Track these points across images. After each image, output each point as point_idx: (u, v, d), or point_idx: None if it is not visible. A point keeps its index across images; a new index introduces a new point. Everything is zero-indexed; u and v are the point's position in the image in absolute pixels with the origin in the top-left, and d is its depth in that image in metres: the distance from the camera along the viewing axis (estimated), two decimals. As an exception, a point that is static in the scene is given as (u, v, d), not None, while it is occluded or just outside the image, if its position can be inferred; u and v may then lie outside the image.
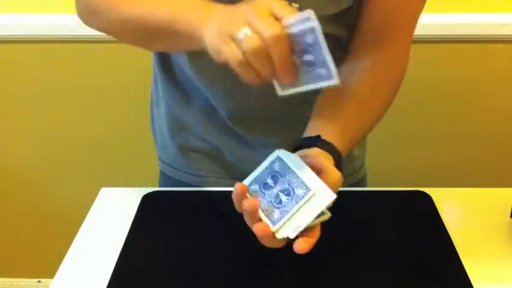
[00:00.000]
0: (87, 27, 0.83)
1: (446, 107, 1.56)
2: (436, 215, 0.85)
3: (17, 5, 1.47)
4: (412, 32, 0.84)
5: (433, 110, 1.55)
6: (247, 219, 0.64)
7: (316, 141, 0.71)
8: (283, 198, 0.63)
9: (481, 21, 1.42)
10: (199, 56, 0.81)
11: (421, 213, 0.87)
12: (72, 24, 1.42)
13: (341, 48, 0.87)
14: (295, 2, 0.77)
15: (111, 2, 0.77)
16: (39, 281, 1.89)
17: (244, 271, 0.76)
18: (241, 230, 0.82)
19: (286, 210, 0.62)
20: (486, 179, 1.61)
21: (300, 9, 0.77)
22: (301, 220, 0.61)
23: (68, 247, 0.82)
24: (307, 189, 0.62)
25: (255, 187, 0.66)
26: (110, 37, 0.83)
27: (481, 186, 0.93)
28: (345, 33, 0.85)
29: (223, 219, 0.87)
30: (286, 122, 0.91)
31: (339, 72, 0.83)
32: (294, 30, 0.56)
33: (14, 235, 1.83)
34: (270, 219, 0.62)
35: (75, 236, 0.85)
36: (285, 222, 0.61)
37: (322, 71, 0.57)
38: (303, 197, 0.61)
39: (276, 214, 0.62)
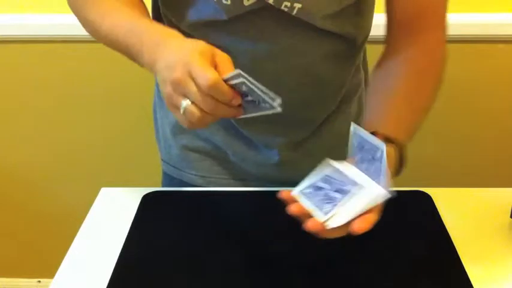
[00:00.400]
0: (87, 27, 0.84)
1: (446, 106, 1.56)
2: (436, 215, 0.85)
3: (17, 5, 1.47)
4: (444, 19, 0.86)
5: (433, 109, 1.55)
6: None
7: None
8: (334, 194, 0.66)
9: (481, 21, 1.42)
10: None
11: (421, 213, 0.87)
12: (72, 24, 1.42)
13: (349, 46, 0.88)
14: (298, 2, 0.77)
15: (84, 16, 0.82)
16: (39, 281, 1.89)
17: (245, 271, 0.76)
18: (242, 229, 0.82)
19: (335, 204, 0.64)
20: (486, 179, 1.61)
21: (302, 9, 0.78)
22: (350, 209, 0.63)
23: (68, 247, 0.82)
24: (355, 184, 0.66)
25: (309, 191, 0.68)
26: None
27: (481, 186, 0.93)
28: (352, 30, 0.86)
29: (224, 219, 0.87)
30: (288, 122, 0.92)
31: (376, 70, 0.85)
32: (231, 82, 0.62)
33: (14, 235, 1.83)
34: (321, 211, 0.64)
35: (75, 236, 0.85)
36: (334, 213, 0.63)
37: (264, 105, 0.63)
38: (351, 190, 0.65)
39: (327, 207, 0.64)
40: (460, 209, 0.88)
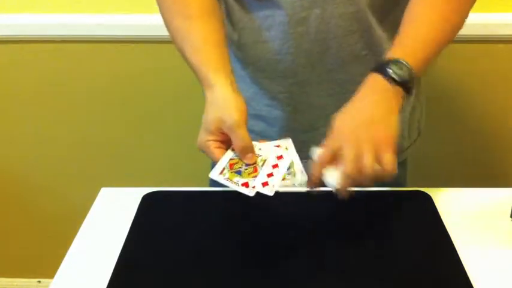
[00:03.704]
0: (87, 27, 0.83)
1: (446, 106, 1.56)
2: (436, 215, 0.85)
3: (17, 5, 1.47)
4: None
5: (433, 109, 1.55)
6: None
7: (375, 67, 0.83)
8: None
9: (481, 21, 1.42)
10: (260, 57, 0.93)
11: (421, 213, 0.87)
12: (72, 24, 1.42)
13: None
14: None
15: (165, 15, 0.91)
16: (39, 281, 1.89)
17: (245, 271, 0.76)
18: (242, 230, 0.82)
19: None
20: (486, 179, 1.61)
21: None
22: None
23: (68, 247, 0.82)
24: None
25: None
26: (109, 37, 0.83)
27: (481, 186, 0.93)
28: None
29: (224, 219, 0.87)
30: (343, 80, 0.95)
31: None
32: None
33: (14, 235, 1.83)
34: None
35: (75, 236, 0.85)
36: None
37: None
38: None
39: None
40: (460, 209, 0.88)
